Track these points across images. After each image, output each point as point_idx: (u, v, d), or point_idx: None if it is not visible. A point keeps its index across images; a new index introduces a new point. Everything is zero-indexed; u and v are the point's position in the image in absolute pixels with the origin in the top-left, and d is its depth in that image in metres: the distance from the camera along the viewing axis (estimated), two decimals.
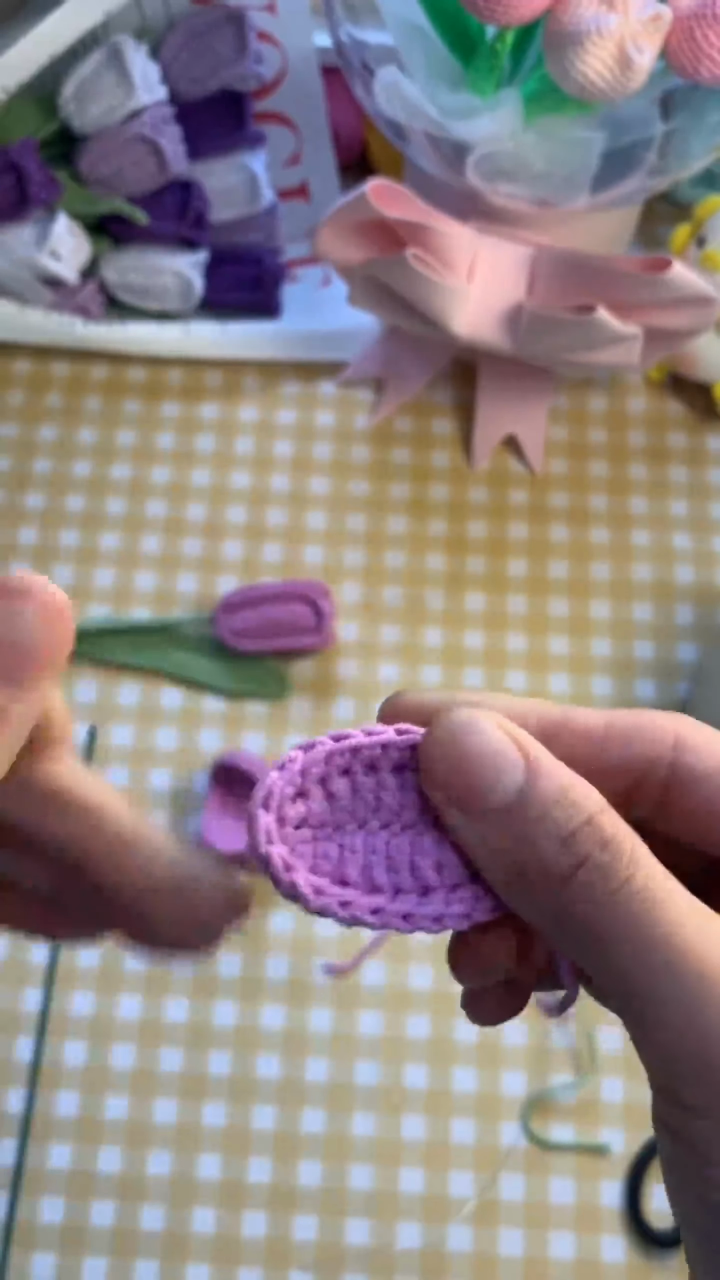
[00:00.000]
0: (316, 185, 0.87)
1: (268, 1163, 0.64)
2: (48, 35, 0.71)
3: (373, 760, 0.31)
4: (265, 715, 0.74)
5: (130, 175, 0.78)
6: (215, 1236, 0.63)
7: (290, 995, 0.67)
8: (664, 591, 0.77)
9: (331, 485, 0.81)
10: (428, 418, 0.83)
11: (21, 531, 0.79)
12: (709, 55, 0.61)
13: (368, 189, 0.68)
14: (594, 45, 0.60)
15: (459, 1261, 0.62)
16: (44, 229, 0.77)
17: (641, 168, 0.71)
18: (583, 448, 0.82)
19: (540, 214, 0.72)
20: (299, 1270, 0.62)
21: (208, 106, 0.80)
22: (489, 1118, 0.65)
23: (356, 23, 0.73)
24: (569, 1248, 0.62)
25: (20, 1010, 0.67)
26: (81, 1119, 0.65)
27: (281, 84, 0.84)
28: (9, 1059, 0.66)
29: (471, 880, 0.31)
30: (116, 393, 0.84)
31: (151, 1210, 0.63)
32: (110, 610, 0.77)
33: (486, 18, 0.61)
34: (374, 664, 0.75)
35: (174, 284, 0.82)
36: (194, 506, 0.80)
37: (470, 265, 0.72)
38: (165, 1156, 0.64)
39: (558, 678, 0.75)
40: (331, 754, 0.31)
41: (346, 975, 0.68)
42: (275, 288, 0.84)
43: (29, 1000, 0.67)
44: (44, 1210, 0.63)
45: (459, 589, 0.78)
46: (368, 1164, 0.64)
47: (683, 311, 0.70)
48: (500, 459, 0.82)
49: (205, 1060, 0.66)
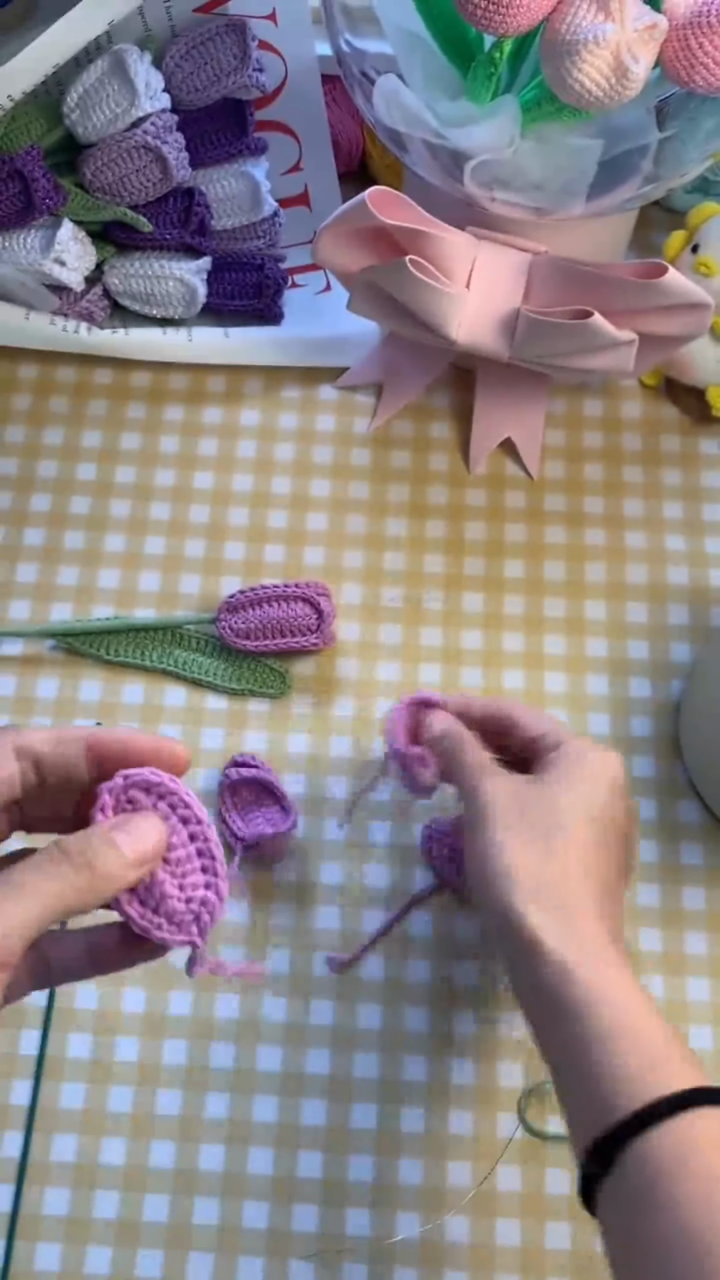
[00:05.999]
0: (317, 193, 0.88)
1: (269, 1153, 0.65)
2: (51, 44, 0.72)
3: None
4: (266, 714, 0.75)
5: (133, 183, 0.79)
6: (217, 1226, 0.63)
7: (292, 988, 0.68)
8: (658, 592, 0.78)
9: (332, 488, 0.82)
10: (426, 422, 0.84)
11: (28, 533, 0.80)
12: (704, 64, 0.62)
13: (367, 196, 0.68)
14: (590, 54, 0.60)
15: (457, 1251, 0.63)
16: (49, 236, 0.78)
17: (637, 175, 0.72)
18: (578, 451, 0.83)
19: (537, 221, 0.73)
20: (299, 1260, 0.63)
21: (210, 115, 0.81)
22: (486, 1109, 0.66)
23: (356, 32, 0.74)
24: (565, 1238, 0.63)
25: (25, 1004, 0.67)
26: (86, 1110, 0.65)
27: (282, 93, 0.84)
28: (14, 1053, 0.67)
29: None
30: (121, 397, 0.85)
31: (155, 1201, 0.64)
32: (115, 610, 0.78)
33: (484, 27, 0.61)
34: (374, 664, 0.76)
35: (177, 290, 0.83)
36: (197, 509, 0.81)
37: (468, 272, 0.73)
38: (168, 1148, 0.65)
39: (554, 676, 0.76)
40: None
41: (347, 968, 0.69)
42: (277, 294, 0.84)
43: (34, 996, 0.67)
44: (49, 1200, 0.64)
45: (457, 590, 0.78)
46: (367, 1155, 0.65)
47: (677, 317, 0.71)
48: (498, 462, 0.83)
49: (208, 1052, 0.67)
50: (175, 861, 0.46)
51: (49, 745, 0.46)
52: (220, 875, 0.46)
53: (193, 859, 0.46)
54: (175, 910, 0.45)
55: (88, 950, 0.47)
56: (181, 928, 0.46)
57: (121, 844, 0.44)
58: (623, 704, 0.75)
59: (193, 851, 0.46)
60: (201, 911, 0.46)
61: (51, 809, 0.48)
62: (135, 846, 0.44)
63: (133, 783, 0.46)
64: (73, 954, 0.47)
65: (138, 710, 0.75)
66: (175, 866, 0.46)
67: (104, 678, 0.76)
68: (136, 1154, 0.65)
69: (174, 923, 0.45)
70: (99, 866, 0.43)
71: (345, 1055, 0.67)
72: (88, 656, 0.76)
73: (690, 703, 0.73)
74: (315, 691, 0.75)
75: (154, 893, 0.45)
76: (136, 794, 0.46)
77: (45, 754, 0.46)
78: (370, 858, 0.71)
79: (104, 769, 0.46)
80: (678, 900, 0.70)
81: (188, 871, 0.46)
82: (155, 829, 0.45)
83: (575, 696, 0.75)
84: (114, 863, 0.43)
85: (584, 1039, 0.49)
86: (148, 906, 0.45)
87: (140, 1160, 0.65)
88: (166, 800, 0.46)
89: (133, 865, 0.44)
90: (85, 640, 0.76)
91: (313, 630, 0.75)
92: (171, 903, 0.45)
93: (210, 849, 0.46)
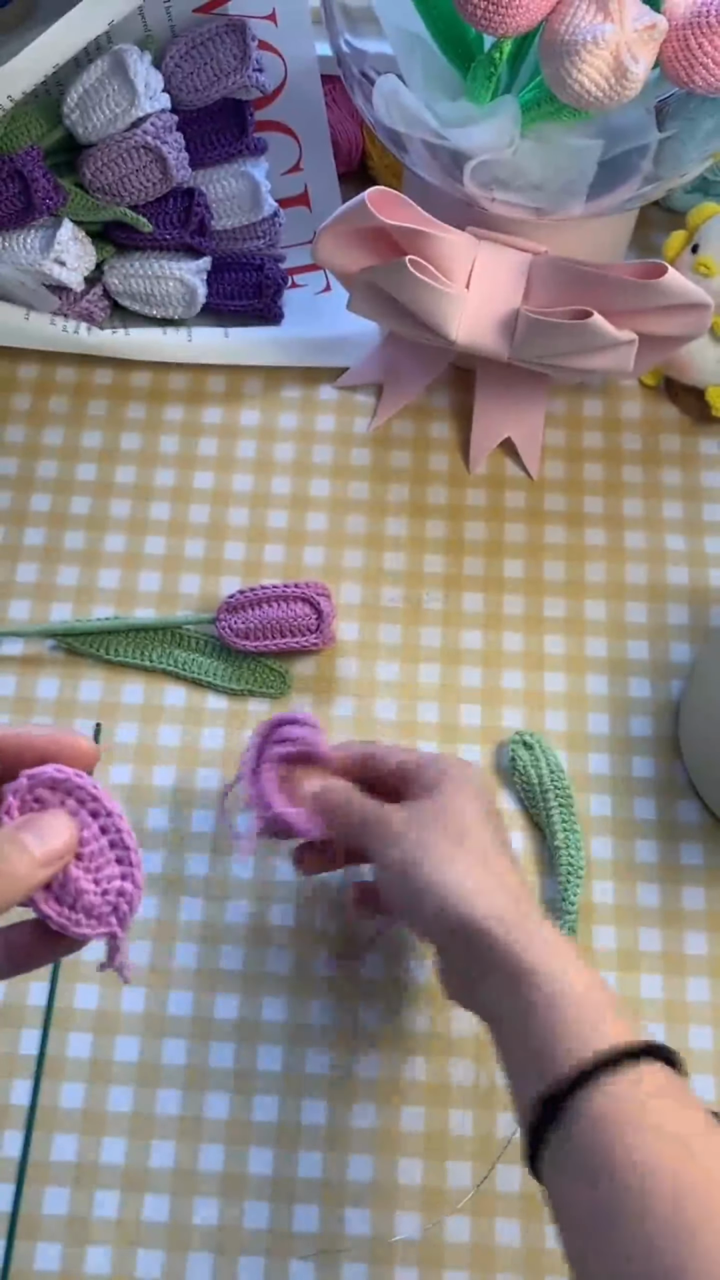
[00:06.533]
0: (317, 193, 0.88)
1: (269, 1154, 0.65)
2: (51, 45, 0.72)
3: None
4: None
5: (133, 183, 0.79)
6: (217, 1226, 0.63)
7: (292, 988, 0.68)
8: (658, 592, 0.78)
9: (332, 488, 0.82)
10: (426, 422, 0.84)
11: (28, 533, 0.80)
12: (704, 64, 0.62)
13: (367, 197, 0.69)
14: (590, 54, 0.60)
15: (457, 1251, 0.63)
16: (49, 236, 0.78)
17: (637, 175, 0.72)
18: (578, 451, 0.83)
19: (537, 221, 0.73)
20: (299, 1260, 0.63)
21: (210, 115, 0.81)
22: (486, 1110, 0.66)
23: (356, 32, 0.74)
24: None
25: (26, 1004, 0.68)
26: (86, 1110, 0.65)
27: (282, 93, 0.84)
28: (14, 1053, 0.67)
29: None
30: (121, 397, 0.85)
31: (155, 1200, 0.64)
32: (115, 610, 0.78)
33: (484, 27, 0.61)
34: (374, 663, 0.76)
35: (177, 290, 0.83)
36: (197, 509, 0.81)
37: (468, 272, 0.73)
38: (168, 1147, 0.65)
39: (553, 677, 0.76)
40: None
41: (347, 968, 0.69)
42: (277, 294, 0.85)
43: (35, 995, 0.68)
44: (49, 1200, 0.64)
45: (457, 590, 0.78)
46: (367, 1155, 0.65)
47: (676, 317, 0.71)
48: (497, 462, 0.83)
49: (207, 1052, 0.67)
50: (88, 856, 0.46)
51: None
52: (135, 864, 0.46)
53: (105, 851, 0.46)
54: (92, 905, 0.45)
55: (4, 949, 0.47)
56: (100, 920, 0.46)
57: (29, 844, 0.44)
58: (623, 704, 0.75)
59: (105, 844, 0.46)
60: (119, 902, 0.46)
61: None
62: (43, 846, 0.44)
63: (37, 781, 0.46)
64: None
65: (138, 710, 0.75)
66: (89, 861, 0.46)
67: (104, 678, 0.76)
68: (136, 1154, 0.65)
69: (93, 916, 0.46)
70: (7, 869, 0.43)
71: (346, 1055, 0.67)
72: (88, 656, 0.76)
73: (690, 703, 0.73)
74: (315, 691, 0.75)
75: (69, 889, 0.45)
76: (43, 792, 0.46)
77: None
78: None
79: (6, 768, 0.46)
80: (678, 900, 0.70)
81: (102, 865, 0.46)
82: (64, 826, 0.45)
83: (575, 696, 0.75)
84: (23, 864, 0.43)
85: (533, 1005, 0.51)
86: (64, 904, 0.45)
87: (140, 1160, 0.65)
88: (74, 796, 0.46)
89: (42, 864, 0.44)
90: (85, 640, 0.76)
91: (313, 630, 0.75)
92: (88, 897, 0.45)
93: (123, 839, 0.46)
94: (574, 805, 0.71)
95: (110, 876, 0.46)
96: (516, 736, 0.73)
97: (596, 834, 0.72)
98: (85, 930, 0.46)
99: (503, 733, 0.74)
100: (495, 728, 0.74)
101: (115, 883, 0.46)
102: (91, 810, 0.46)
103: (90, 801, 0.46)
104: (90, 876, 0.46)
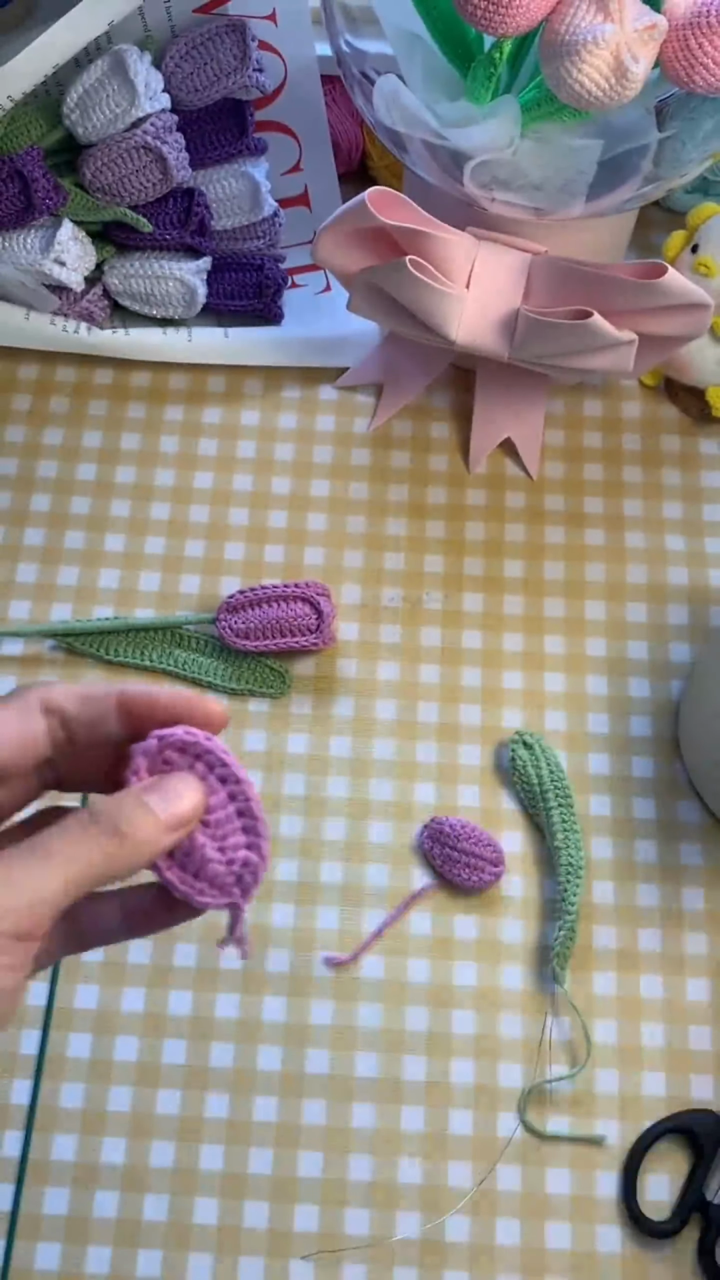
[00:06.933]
0: (317, 193, 0.88)
1: (269, 1153, 0.65)
2: (51, 45, 0.72)
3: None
4: (266, 714, 0.75)
5: (133, 183, 0.79)
6: (217, 1226, 0.63)
7: (291, 988, 0.68)
8: (658, 592, 0.78)
9: (332, 488, 0.82)
10: (426, 422, 0.84)
11: (28, 533, 0.80)
12: (704, 64, 0.62)
13: (367, 197, 0.69)
14: (590, 54, 0.60)
15: (457, 1251, 0.63)
16: (49, 236, 0.78)
17: (637, 175, 0.72)
18: (578, 451, 0.83)
19: (537, 221, 0.73)
20: (299, 1260, 0.63)
21: (210, 115, 0.81)
22: (486, 1109, 0.66)
23: (356, 32, 0.74)
24: (565, 1238, 0.63)
25: (25, 1004, 0.68)
26: (85, 1110, 0.65)
27: (282, 93, 0.84)
28: (14, 1052, 0.67)
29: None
30: (121, 397, 0.85)
31: (155, 1200, 0.64)
32: (115, 610, 0.78)
33: (484, 27, 0.61)
34: (374, 663, 0.76)
35: (177, 290, 0.83)
36: (197, 509, 0.81)
37: (468, 272, 0.73)
38: (168, 1147, 0.65)
39: (553, 677, 0.76)
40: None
41: (346, 968, 0.69)
42: (277, 294, 0.85)
43: (35, 994, 0.68)
44: (49, 1200, 0.64)
45: (457, 590, 0.78)
46: (367, 1155, 0.65)
47: (676, 317, 0.71)
48: (497, 462, 0.83)
49: (207, 1052, 0.67)
50: (215, 823, 0.44)
51: (75, 703, 0.44)
52: (262, 835, 0.44)
53: (232, 819, 0.44)
54: (217, 874, 0.44)
55: (122, 912, 0.45)
56: (224, 890, 0.44)
57: (155, 807, 0.42)
58: (623, 704, 0.75)
59: (232, 812, 0.44)
60: (244, 873, 0.44)
61: (85, 767, 0.46)
62: (170, 809, 0.42)
63: (167, 743, 0.44)
64: (106, 917, 0.46)
65: None
66: (215, 828, 0.44)
67: (104, 678, 0.76)
68: (136, 1154, 0.65)
69: (216, 885, 0.44)
70: (132, 832, 0.41)
71: (345, 1055, 0.67)
72: (88, 656, 0.76)
73: (690, 703, 0.73)
74: (315, 691, 0.76)
75: (194, 857, 0.43)
76: (172, 754, 0.44)
77: (72, 711, 0.44)
78: (370, 857, 0.71)
79: (136, 728, 0.45)
80: (678, 900, 0.70)
81: (228, 833, 0.44)
82: (191, 790, 0.43)
83: (575, 696, 0.75)
84: (148, 827, 0.42)
85: None
86: (188, 871, 0.44)
87: (140, 1160, 0.65)
88: (204, 760, 0.44)
89: (168, 829, 0.42)
90: (85, 640, 0.76)
91: (313, 630, 0.75)
92: (213, 866, 0.44)
93: (251, 808, 0.44)
94: (574, 805, 0.71)
95: (236, 845, 0.44)
96: (516, 736, 0.73)
97: (596, 834, 0.72)
98: (208, 900, 0.44)
99: (503, 733, 0.74)
100: (495, 728, 0.74)
101: (241, 852, 0.44)
102: (220, 776, 0.44)
103: (220, 767, 0.44)
104: (216, 845, 0.44)
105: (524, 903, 0.70)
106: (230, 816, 0.44)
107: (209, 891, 0.44)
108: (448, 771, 0.73)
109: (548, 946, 0.69)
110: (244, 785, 0.44)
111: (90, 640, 0.76)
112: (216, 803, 0.44)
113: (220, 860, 0.44)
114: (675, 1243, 0.63)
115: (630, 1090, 0.66)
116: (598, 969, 0.68)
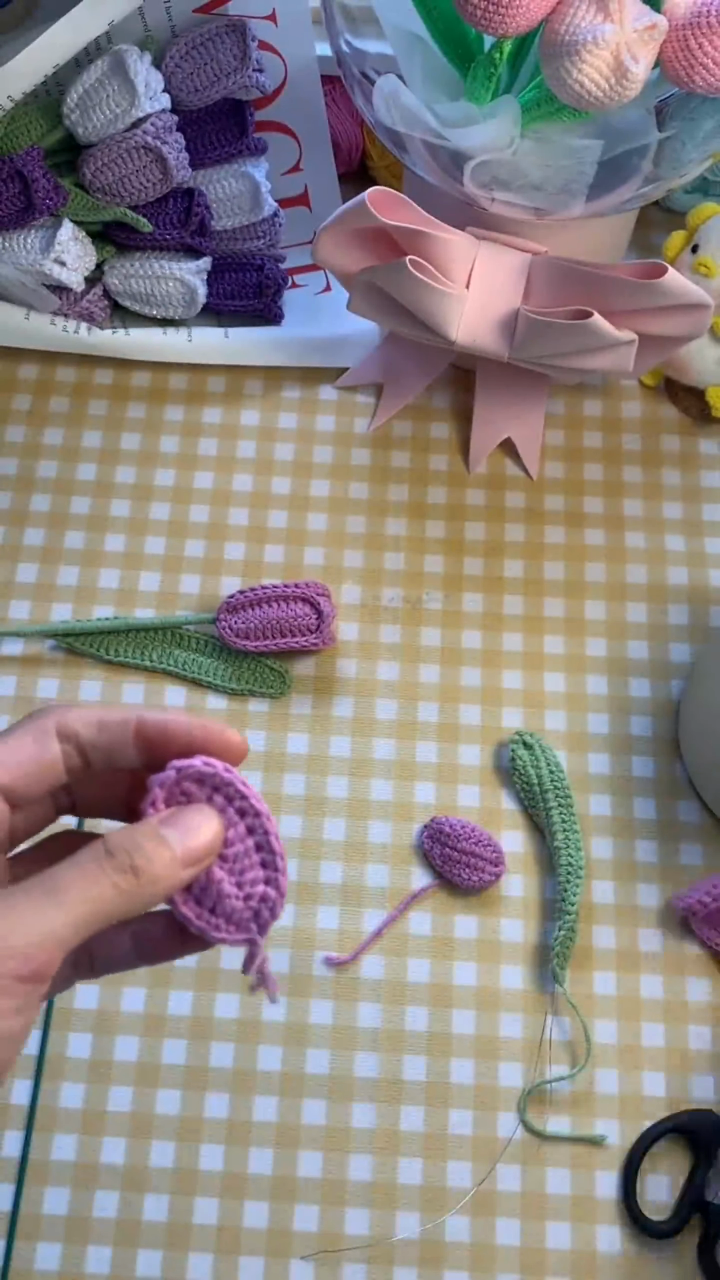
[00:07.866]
0: (317, 193, 0.88)
1: (269, 1153, 0.65)
2: (51, 45, 0.72)
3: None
4: (266, 714, 0.75)
5: (133, 183, 0.79)
6: (217, 1226, 0.63)
7: (291, 988, 0.68)
8: (658, 592, 0.78)
9: (332, 488, 0.82)
10: (426, 422, 0.84)
11: (28, 533, 0.80)
12: (704, 64, 0.62)
13: (367, 197, 0.69)
14: (590, 55, 0.60)
15: (457, 1251, 0.63)
16: (49, 236, 0.78)
17: (637, 175, 0.72)
18: (578, 451, 0.83)
19: (537, 221, 0.73)
20: (299, 1260, 0.63)
21: (210, 115, 0.81)
22: (486, 1109, 0.66)
23: (356, 33, 0.74)
24: (565, 1238, 0.63)
25: None
26: (85, 1110, 0.65)
27: (282, 93, 0.84)
28: None
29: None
30: (121, 397, 0.85)
31: (155, 1200, 0.64)
32: (115, 610, 0.78)
33: (484, 28, 0.61)
34: (374, 663, 0.76)
35: (177, 291, 0.83)
36: (197, 509, 0.81)
37: (468, 272, 0.73)
38: (168, 1147, 0.65)
39: (553, 677, 0.76)
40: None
41: (346, 968, 0.69)
42: (277, 294, 0.85)
43: None
44: (49, 1200, 0.64)
45: (457, 590, 0.78)
46: (367, 1155, 0.65)
47: (676, 318, 0.71)
48: (497, 463, 0.83)
49: (207, 1052, 0.67)
50: (232, 857, 0.43)
51: (92, 729, 0.43)
52: (281, 870, 0.43)
53: (251, 853, 0.43)
54: (234, 909, 0.43)
55: (133, 941, 0.44)
56: (240, 926, 0.43)
57: (172, 841, 0.41)
58: (622, 704, 0.75)
59: (250, 846, 0.43)
60: (261, 908, 0.43)
61: (101, 792, 0.45)
62: (187, 843, 0.41)
63: (185, 775, 0.42)
64: (117, 945, 0.45)
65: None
66: (233, 862, 0.43)
67: (104, 678, 0.76)
68: (136, 1154, 0.65)
69: (232, 921, 0.43)
70: (148, 867, 0.40)
71: (345, 1055, 0.67)
72: (88, 656, 0.76)
73: (690, 703, 0.73)
74: (315, 691, 0.76)
75: (210, 891, 0.42)
76: (190, 786, 0.43)
77: (88, 738, 0.43)
78: (370, 857, 0.71)
79: (154, 755, 0.43)
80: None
81: (245, 867, 0.43)
82: (210, 823, 0.42)
83: (575, 696, 0.75)
84: (165, 863, 0.40)
85: None
86: (204, 905, 0.43)
87: (140, 1160, 0.65)
88: (222, 792, 0.43)
89: (185, 864, 0.41)
90: (85, 640, 0.76)
91: (313, 630, 0.75)
92: (230, 902, 0.43)
93: (269, 842, 0.43)
94: (574, 805, 0.71)
95: (254, 880, 0.43)
96: (516, 736, 0.73)
97: (596, 834, 0.72)
98: (224, 936, 0.43)
99: (502, 733, 0.74)
100: (495, 728, 0.75)
101: (259, 887, 0.43)
102: (239, 809, 0.43)
103: (238, 799, 0.43)
104: (233, 879, 0.43)
105: (524, 903, 0.70)
106: (249, 850, 0.43)
107: (225, 928, 0.43)
108: (448, 771, 0.73)
109: (548, 946, 0.69)
110: (263, 819, 0.43)
111: (90, 640, 0.76)
112: (235, 836, 0.43)
113: (238, 895, 0.43)
114: (675, 1243, 0.63)
115: (630, 1090, 0.66)
116: (598, 969, 0.68)
